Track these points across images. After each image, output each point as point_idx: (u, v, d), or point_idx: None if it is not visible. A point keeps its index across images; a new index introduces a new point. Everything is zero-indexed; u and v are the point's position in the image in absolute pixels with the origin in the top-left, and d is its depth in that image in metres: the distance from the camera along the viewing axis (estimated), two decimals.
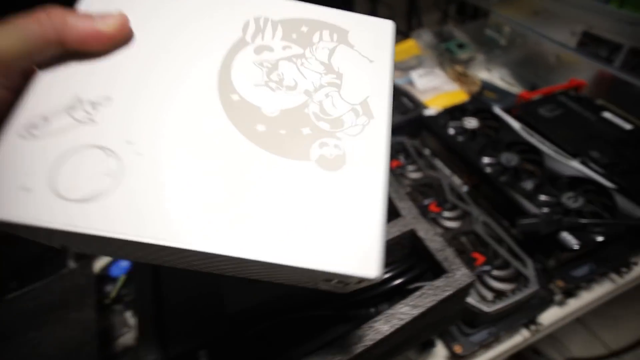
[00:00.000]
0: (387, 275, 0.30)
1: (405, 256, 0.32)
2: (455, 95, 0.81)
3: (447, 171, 0.56)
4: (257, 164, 0.17)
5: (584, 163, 0.49)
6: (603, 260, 0.43)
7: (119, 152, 0.16)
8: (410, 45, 0.98)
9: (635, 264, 0.44)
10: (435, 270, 0.30)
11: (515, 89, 0.84)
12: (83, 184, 0.15)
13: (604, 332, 1.04)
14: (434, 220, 0.46)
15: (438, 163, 0.58)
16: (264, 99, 0.18)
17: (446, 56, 0.91)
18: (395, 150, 0.56)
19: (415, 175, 0.52)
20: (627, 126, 0.54)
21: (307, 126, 0.18)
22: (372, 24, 0.21)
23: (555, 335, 0.96)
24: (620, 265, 0.44)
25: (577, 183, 0.47)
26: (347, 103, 0.19)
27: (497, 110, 0.59)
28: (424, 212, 0.46)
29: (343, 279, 0.16)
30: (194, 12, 0.20)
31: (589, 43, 0.62)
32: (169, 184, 0.15)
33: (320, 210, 0.16)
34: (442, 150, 0.57)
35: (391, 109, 0.19)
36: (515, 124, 0.56)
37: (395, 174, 0.53)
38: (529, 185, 0.47)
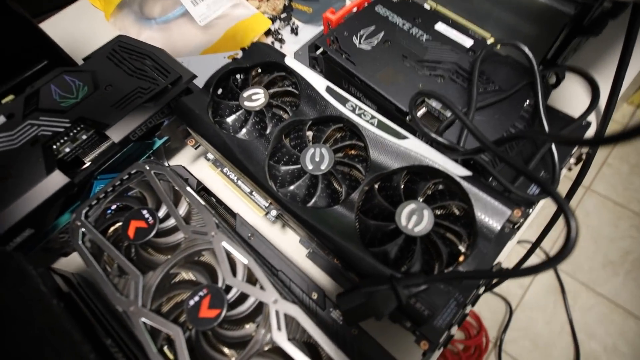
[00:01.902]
0: None
1: None
2: (253, 23, 0.54)
3: (240, 203, 0.34)
4: None
5: (422, 134, 0.31)
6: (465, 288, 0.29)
7: None
8: None
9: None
10: None
11: None
12: None
13: None
14: (218, 340, 0.26)
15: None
16: None
17: None
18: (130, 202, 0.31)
19: (175, 238, 0.29)
20: (468, 42, 0.37)
21: None
22: None
23: None
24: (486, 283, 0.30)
25: (417, 181, 0.29)
26: None
27: (290, 61, 0.35)
28: (196, 322, 0.25)
29: None
30: None
31: None
32: None
33: None
34: (222, 158, 0.34)
35: None
36: (318, 82, 0.34)
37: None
38: (347, 208, 0.28)
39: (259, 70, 0.37)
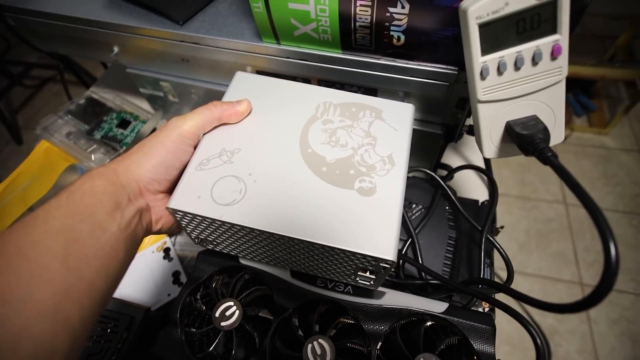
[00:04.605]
0: None
1: None
2: None
3: None
4: (321, 190, 0.27)
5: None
6: None
7: (244, 179, 0.28)
8: (45, 151, 0.59)
9: None
10: None
11: None
12: (226, 196, 0.27)
13: None
14: None
15: None
16: (327, 151, 0.29)
17: (113, 151, 0.59)
18: None
19: None
20: None
21: (352, 169, 0.28)
22: (398, 106, 0.32)
23: None
24: None
25: (411, 330, 0.32)
26: (379, 156, 0.29)
27: (244, 260, 0.36)
28: None
29: (373, 264, 0.26)
30: (286, 98, 0.33)
31: None
32: (271, 199, 0.27)
33: (360, 219, 0.26)
34: None
35: (408, 160, 0.29)
36: (281, 270, 0.35)
37: None
38: None
39: (216, 278, 0.36)
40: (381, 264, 0.26)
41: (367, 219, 0.26)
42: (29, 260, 0.19)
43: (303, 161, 0.29)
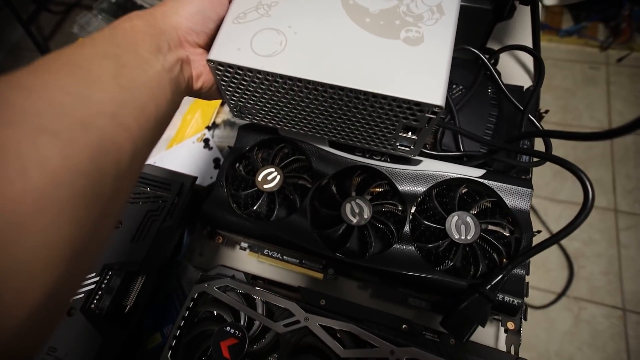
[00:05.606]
0: None
1: None
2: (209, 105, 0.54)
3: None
4: (365, 41, 0.26)
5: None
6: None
7: (284, 31, 0.27)
8: None
9: None
10: None
11: None
12: (266, 47, 0.26)
13: None
14: None
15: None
16: (370, 3, 0.28)
17: None
18: None
19: (270, 338, 0.30)
20: None
21: (398, 19, 0.27)
22: None
23: None
24: None
25: (446, 194, 0.33)
26: (426, 5, 0.27)
27: (284, 132, 0.37)
28: None
29: (418, 115, 0.25)
30: None
31: None
32: (313, 50, 0.26)
33: (407, 68, 0.25)
34: (261, 242, 0.35)
35: (459, 10, 0.27)
36: (319, 140, 0.36)
37: None
38: (403, 243, 0.31)
39: (257, 150, 0.38)
40: (428, 114, 0.25)
41: (414, 67, 0.25)
42: (84, 69, 0.19)
43: (344, 12, 0.28)
